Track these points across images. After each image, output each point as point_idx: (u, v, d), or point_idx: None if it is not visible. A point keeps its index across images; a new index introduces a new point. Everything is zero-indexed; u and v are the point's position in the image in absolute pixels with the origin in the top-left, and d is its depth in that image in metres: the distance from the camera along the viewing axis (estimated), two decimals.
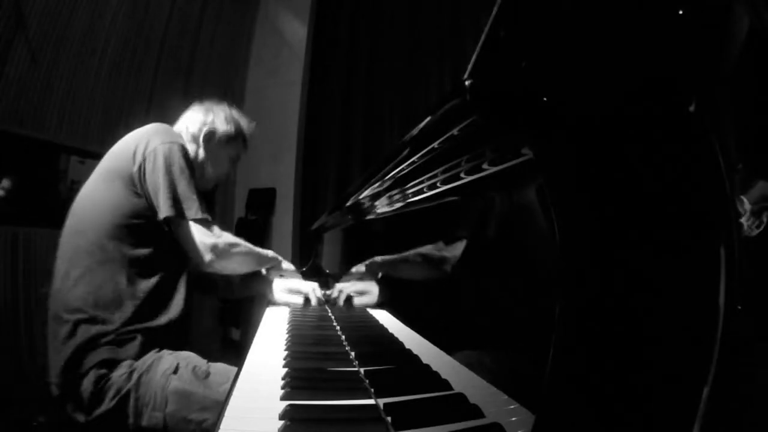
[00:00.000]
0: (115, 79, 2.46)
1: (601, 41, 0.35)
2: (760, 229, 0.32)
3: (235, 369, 0.84)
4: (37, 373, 0.98)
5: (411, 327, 0.94)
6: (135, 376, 0.92)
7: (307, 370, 0.65)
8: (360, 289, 1.27)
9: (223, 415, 0.48)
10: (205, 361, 0.98)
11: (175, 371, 0.93)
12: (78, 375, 0.91)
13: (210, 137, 1.26)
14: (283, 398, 0.53)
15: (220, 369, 0.96)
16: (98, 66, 2.37)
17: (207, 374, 0.94)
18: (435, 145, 0.60)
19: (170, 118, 1.29)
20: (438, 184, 0.74)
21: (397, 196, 0.98)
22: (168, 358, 0.97)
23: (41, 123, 2.11)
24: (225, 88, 3.21)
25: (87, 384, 0.90)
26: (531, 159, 0.43)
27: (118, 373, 0.92)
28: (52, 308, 0.99)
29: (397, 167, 0.78)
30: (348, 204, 1.29)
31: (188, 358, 0.98)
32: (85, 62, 2.29)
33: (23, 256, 2.03)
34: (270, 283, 1.33)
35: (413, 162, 0.71)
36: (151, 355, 0.97)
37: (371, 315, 1.12)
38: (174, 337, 1.05)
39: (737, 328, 0.28)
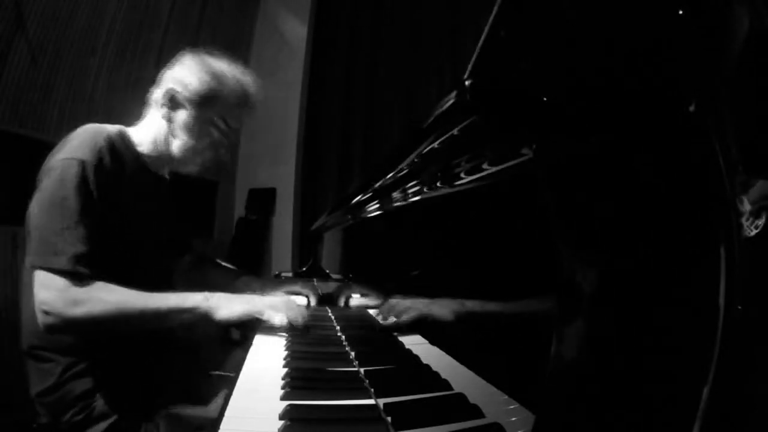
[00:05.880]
0: (116, 79, 2.46)
1: (600, 41, 0.35)
2: (759, 229, 0.32)
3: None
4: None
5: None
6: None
7: (307, 370, 0.65)
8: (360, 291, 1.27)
9: (223, 415, 0.48)
10: None
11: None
12: (61, 407, 0.89)
13: (173, 99, 1.00)
14: (283, 398, 0.53)
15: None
16: (98, 66, 2.36)
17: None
18: (435, 145, 0.60)
19: None
20: (437, 184, 0.74)
21: (396, 196, 0.98)
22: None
23: (41, 123, 2.10)
24: None
25: (71, 415, 0.88)
26: (531, 159, 0.43)
27: (102, 402, 0.89)
28: (22, 338, 0.95)
29: (396, 167, 0.77)
30: (348, 204, 1.29)
31: None
32: (85, 62, 2.29)
33: (23, 256, 2.03)
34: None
35: (413, 162, 0.71)
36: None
37: (371, 315, 1.12)
38: (156, 350, 1.01)
39: (737, 328, 0.28)
